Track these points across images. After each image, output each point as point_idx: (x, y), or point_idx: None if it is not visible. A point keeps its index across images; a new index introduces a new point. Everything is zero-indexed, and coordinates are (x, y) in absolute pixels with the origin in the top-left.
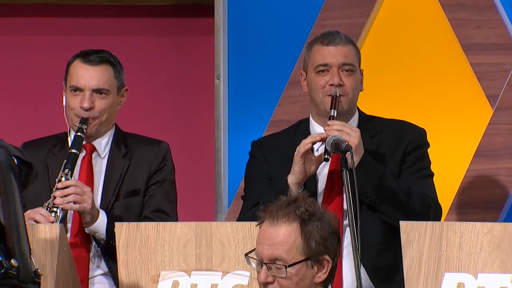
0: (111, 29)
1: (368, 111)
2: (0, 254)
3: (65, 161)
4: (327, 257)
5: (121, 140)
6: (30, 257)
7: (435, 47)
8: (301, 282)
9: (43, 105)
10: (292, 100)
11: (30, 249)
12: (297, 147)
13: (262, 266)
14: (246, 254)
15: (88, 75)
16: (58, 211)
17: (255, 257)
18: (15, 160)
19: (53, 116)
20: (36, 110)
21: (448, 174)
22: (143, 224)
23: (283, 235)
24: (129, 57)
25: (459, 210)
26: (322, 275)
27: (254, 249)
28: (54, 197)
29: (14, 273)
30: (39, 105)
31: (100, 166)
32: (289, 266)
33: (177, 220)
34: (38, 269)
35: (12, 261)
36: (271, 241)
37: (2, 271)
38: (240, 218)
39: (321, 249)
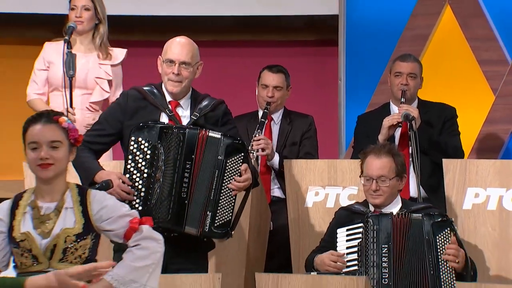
0: (284, 54)
1: (424, 97)
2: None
3: (258, 125)
4: (405, 175)
5: (287, 114)
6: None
7: (463, 62)
8: (393, 189)
9: (240, 95)
10: (382, 92)
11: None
12: (384, 119)
13: (372, 181)
14: (360, 176)
15: (271, 78)
16: (254, 153)
17: (365, 176)
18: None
19: (246, 101)
20: (236, 98)
21: (469, 133)
22: (297, 160)
23: (385, 162)
24: (293, 70)
25: (476, 152)
26: (401, 186)
27: (362, 172)
28: (252, 145)
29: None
30: (238, 95)
31: (275, 129)
32: (389, 179)
33: (317, 158)
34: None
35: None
36: (378, 166)
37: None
38: (352, 157)
39: (402, 171)
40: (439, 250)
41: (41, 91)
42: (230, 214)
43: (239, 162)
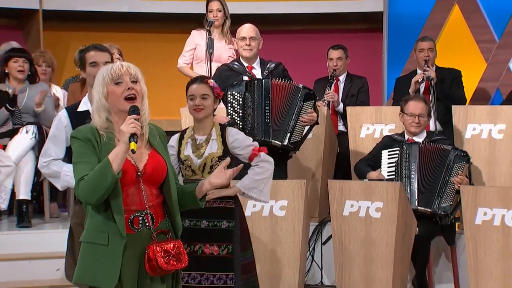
0: (346, 38)
1: (439, 65)
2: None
3: (327, 84)
4: (430, 115)
5: (348, 76)
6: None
7: (466, 42)
8: (426, 123)
9: (316, 65)
10: (411, 62)
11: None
12: (412, 78)
13: (415, 116)
14: (400, 113)
15: (334, 53)
16: (325, 102)
17: (409, 113)
18: None
19: (320, 69)
20: (313, 66)
21: (469, 88)
22: (355, 107)
23: (423, 105)
24: (352, 49)
25: (473, 100)
26: (428, 122)
27: (402, 110)
28: (324, 97)
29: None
30: (315, 65)
31: (341, 86)
32: (426, 116)
33: (369, 105)
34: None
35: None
36: (420, 107)
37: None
38: (392, 105)
39: (430, 112)
40: (452, 173)
41: (187, 61)
42: (300, 136)
43: (310, 105)
